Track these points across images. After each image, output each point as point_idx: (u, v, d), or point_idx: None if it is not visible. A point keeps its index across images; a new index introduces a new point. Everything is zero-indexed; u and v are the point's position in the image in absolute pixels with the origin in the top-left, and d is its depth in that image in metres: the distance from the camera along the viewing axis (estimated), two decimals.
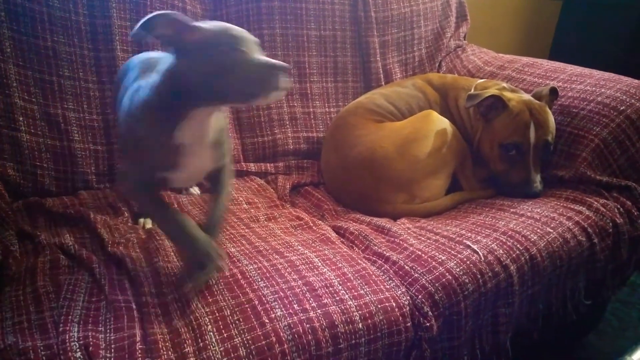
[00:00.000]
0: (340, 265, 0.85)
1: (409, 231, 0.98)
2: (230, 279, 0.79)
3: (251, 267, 0.83)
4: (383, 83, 1.49)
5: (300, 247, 0.91)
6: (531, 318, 0.96)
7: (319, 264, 0.85)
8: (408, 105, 1.27)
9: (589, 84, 1.23)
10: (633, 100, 1.15)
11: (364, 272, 0.84)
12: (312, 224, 1.03)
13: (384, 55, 1.52)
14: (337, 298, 0.76)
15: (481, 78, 1.39)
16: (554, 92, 1.20)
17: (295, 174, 1.32)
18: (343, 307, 0.75)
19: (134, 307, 0.73)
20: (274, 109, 1.34)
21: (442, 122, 1.15)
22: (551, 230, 0.97)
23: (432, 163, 1.11)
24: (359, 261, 0.87)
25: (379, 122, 1.21)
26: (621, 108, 1.14)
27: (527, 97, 1.17)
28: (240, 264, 0.83)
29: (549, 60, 1.44)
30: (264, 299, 0.75)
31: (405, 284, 0.83)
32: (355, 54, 1.46)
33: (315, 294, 0.77)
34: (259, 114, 1.33)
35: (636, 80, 1.21)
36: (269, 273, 0.81)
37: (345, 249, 0.92)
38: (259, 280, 0.79)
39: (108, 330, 0.68)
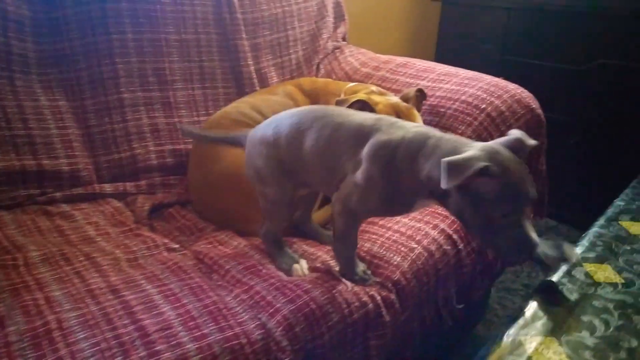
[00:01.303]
0: (185, 301, 0.74)
1: None
2: (41, 331, 0.67)
3: (73, 314, 0.70)
4: (258, 88, 1.40)
5: (143, 282, 0.79)
6: (406, 340, 0.91)
7: (160, 302, 0.74)
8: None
9: (454, 82, 1.24)
10: (492, 99, 1.17)
11: (213, 306, 0.74)
12: (165, 251, 0.92)
13: (258, 58, 1.43)
14: (174, 342, 0.66)
15: (358, 79, 1.35)
16: (421, 92, 1.19)
17: (161, 192, 1.19)
18: (179, 353, 0.65)
19: None
20: (130, 121, 1.20)
21: None
22: (416, 246, 0.92)
23: None
24: (210, 293, 0.77)
25: None
26: (482, 106, 1.16)
27: (394, 99, 1.14)
28: (59, 311, 0.71)
29: (435, 61, 1.43)
30: (79, 354, 0.63)
31: (267, 315, 0.74)
32: (223, 58, 1.36)
33: (146, 341, 0.66)
34: (113, 128, 1.18)
35: (495, 79, 1.23)
36: (94, 320, 0.69)
37: (197, 279, 0.81)
38: (79, 330, 0.67)
39: None
